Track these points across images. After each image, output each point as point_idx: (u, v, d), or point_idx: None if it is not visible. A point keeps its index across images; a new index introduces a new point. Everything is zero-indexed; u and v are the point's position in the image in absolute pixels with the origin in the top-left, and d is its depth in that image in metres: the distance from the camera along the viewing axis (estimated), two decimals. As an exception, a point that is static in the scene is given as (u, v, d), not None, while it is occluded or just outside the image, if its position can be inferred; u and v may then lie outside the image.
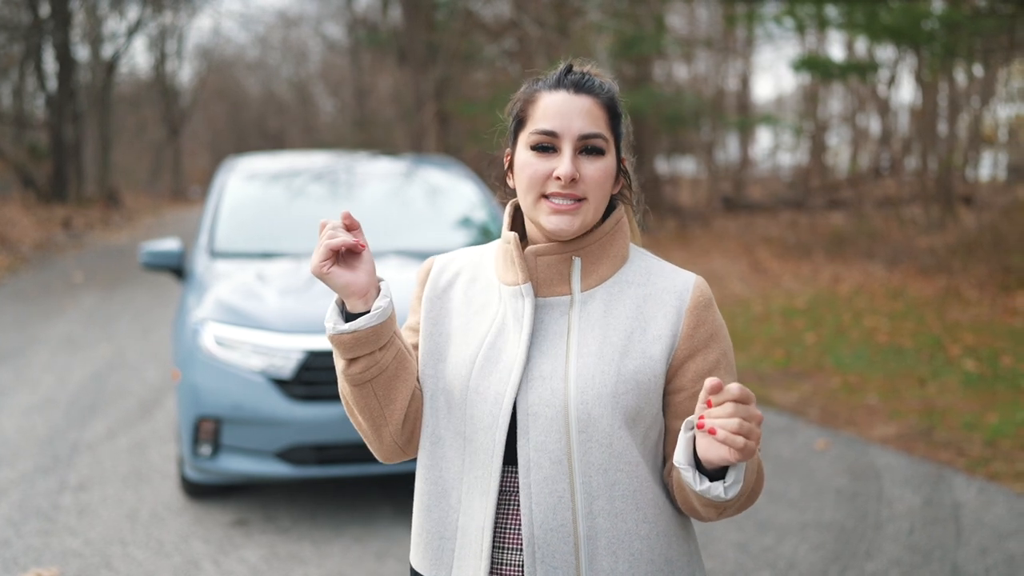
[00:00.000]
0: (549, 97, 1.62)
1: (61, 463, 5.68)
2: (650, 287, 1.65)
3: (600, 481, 1.58)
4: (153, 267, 5.75)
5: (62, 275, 14.96)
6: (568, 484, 1.57)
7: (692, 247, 16.98)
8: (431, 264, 1.80)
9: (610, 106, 1.63)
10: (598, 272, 1.65)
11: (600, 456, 1.57)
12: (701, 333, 1.62)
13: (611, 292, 1.64)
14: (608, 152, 1.62)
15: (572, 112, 1.59)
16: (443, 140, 20.50)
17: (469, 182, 6.74)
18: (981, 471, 5.35)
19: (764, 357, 8.40)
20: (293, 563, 4.30)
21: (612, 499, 1.58)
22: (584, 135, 1.59)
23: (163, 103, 44.21)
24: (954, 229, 14.98)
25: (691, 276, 1.66)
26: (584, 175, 1.59)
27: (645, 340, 1.61)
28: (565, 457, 1.57)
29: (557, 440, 1.57)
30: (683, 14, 25.12)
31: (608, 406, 1.57)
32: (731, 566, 4.25)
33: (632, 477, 1.59)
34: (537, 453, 1.58)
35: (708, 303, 1.64)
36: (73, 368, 8.19)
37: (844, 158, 29.10)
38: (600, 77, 1.67)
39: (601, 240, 1.65)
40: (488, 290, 1.71)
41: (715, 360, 1.63)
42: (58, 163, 27.81)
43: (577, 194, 1.59)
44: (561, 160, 1.59)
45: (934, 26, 13.01)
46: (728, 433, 1.38)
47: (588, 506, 1.58)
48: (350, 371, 1.62)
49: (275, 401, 4.51)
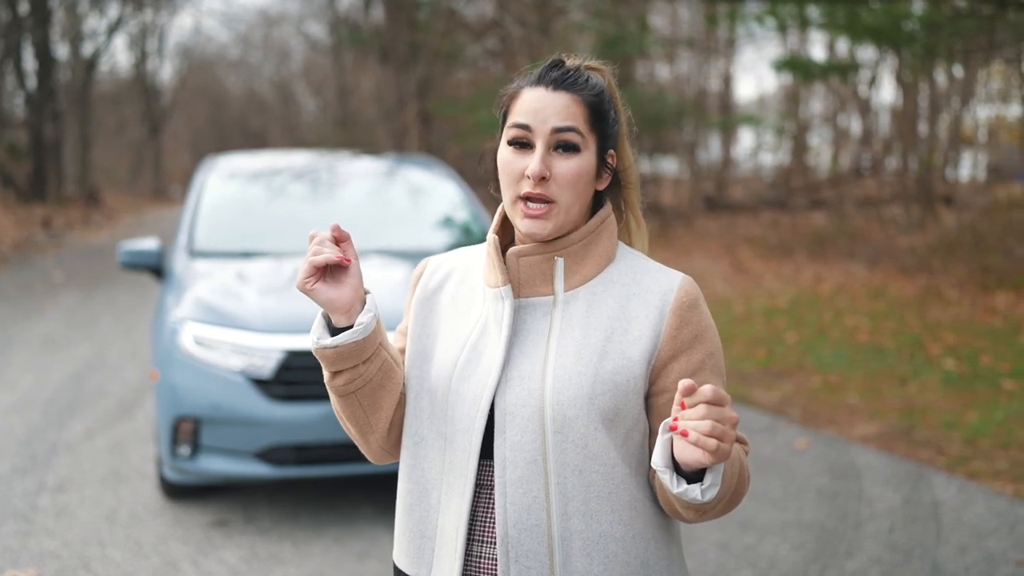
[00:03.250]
0: (529, 92, 1.61)
1: (39, 464, 5.64)
2: (634, 287, 1.63)
3: (575, 482, 1.57)
4: (132, 266, 5.70)
5: (42, 275, 14.86)
6: (543, 484, 1.57)
7: (674, 247, 17.02)
8: (424, 266, 1.81)
9: (592, 103, 1.61)
10: (582, 272, 1.64)
11: (575, 457, 1.56)
12: (685, 334, 1.60)
13: (594, 292, 1.63)
14: (585, 149, 1.60)
15: (547, 107, 1.58)
16: (425, 140, 20.48)
17: (451, 181, 6.73)
18: (961, 470, 5.38)
19: (745, 356, 8.41)
20: (273, 564, 4.28)
21: (587, 500, 1.57)
22: (557, 128, 1.57)
23: (143, 102, 44.02)
24: (934, 229, 15.06)
25: (678, 276, 1.64)
26: (555, 173, 1.58)
27: (626, 341, 1.59)
28: (540, 457, 1.56)
29: (533, 440, 1.57)
30: (665, 14, 25.19)
31: (584, 407, 1.56)
32: (712, 566, 4.25)
33: (608, 479, 1.58)
34: (513, 452, 1.57)
35: (693, 303, 1.61)
36: (52, 368, 8.13)
37: (825, 158, 29.21)
38: (595, 72, 1.66)
39: (585, 240, 1.64)
40: (474, 292, 1.71)
41: (699, 361, 1.60)
42: (38, 162, 27.64)
43: (547, 196, 1.58)
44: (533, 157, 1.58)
45: (914, 27, 13.07)
46: (700, 435, 1.37)
47: (563, 507, 1.57)
48: (334, 383, 1.65)
49: (255, 401, 4.48)
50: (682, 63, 27.12)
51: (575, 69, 1.62)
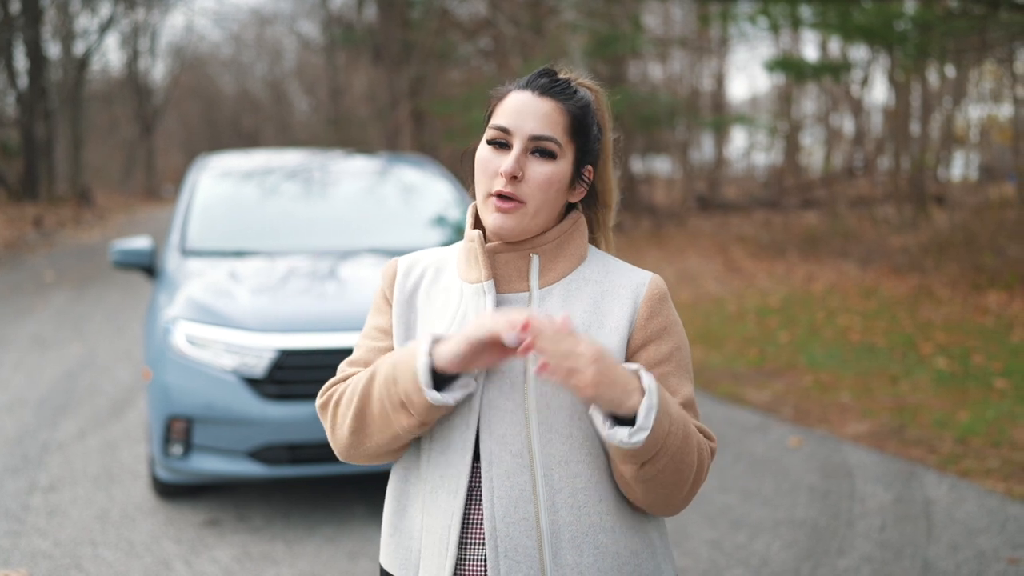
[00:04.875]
0: (515, 95, 1.65)
1: (31, 463, 5.63)
2: (607, 284, 1.68)
3: (562, 473, 1.58)
4: (124, 265, 5.69)
5: (33, 274, 14.82)
6: (530, 477, 1.58)
7: (667, 246, 17.03)
8: (395, 266, 1.80)
9: (575, 115, 1.64)
10: (556, 269, 1.68)
11: (561, 448, 1.59)
12: (654, 324, 1.65)
13: (569, 289, 1.67)
14: (561, 157, 1.63)
15: (529, 112, 1.62)
16: (418, 139, 20.48)
17: (443, 180, 6.72)
18: (952, 468, 5.39)
19: (738, 356, 8.43)
20: (265, 563, 4.27)
21: (575, 492, 1.59)
22: (535, 136, 1.61)
23: (136, 101, 43.90)
24: (926, 228, 15.09)
25: (648, 273, 1.70)
26: (528, 176, 1.61)
27: (602, 333, 1.63)
28: (526, 450, 1.58)
29: (518, 433, 1.58)
30: (658, 13, 25.18)
31: (567, 397, 1.59)
32: (704, 563, 4.26)
33: (594, 469, 1.60)
34: (499, 447, 1.59)
35: (663, 297, 1.67)
36: (44, 368, 8.11)
37: (818, 158, 29.27)
38: (583, 86, 1.69)
39: (559, 239, 1.68)
40: (449, 289, 1.72)
41: (667, 353, 1.65)
42: (29, 161, 27.56)
43: (517, 195, 1.61)
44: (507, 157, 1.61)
45: (907, 26, 13.11)
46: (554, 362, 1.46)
47: (551, 499, 1.58)
48: (414, 429, 1.62)
49: (247, 400, 4.48)
50: (675, 63, 27.15)
51: (565, 80, 1.66)
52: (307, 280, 5.27)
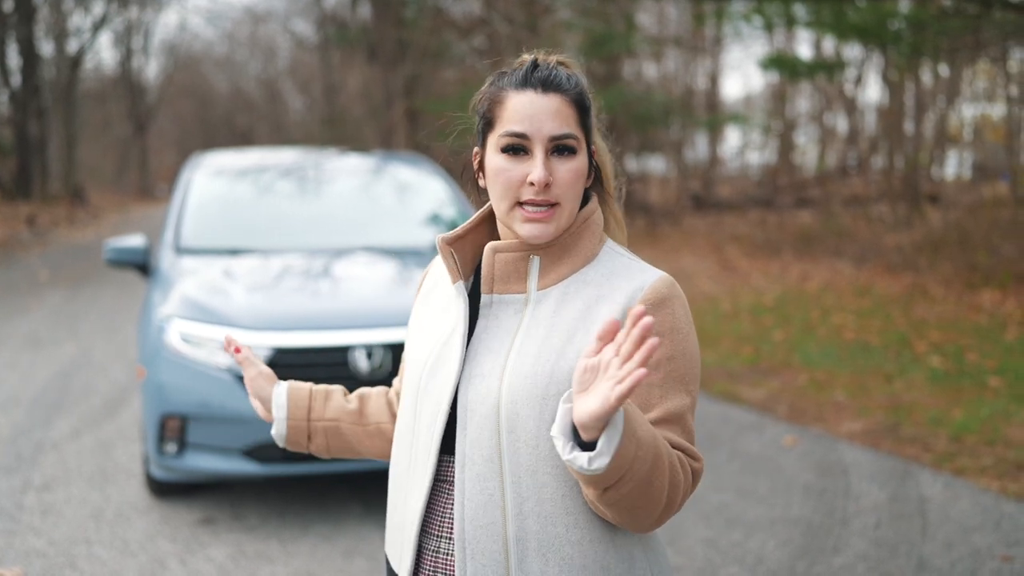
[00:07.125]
0: (517, 97, 1.58)
1: (25, 462, 5.61)
2: (606, 287, 1.59)
3: (529, 483, 1.53)
4: (118, 264, 5.67)
5: (27, 273, 14.78)
6: (499, 483, 1.54)
7: (661, 245, 17.04)
8: (426, 273, 1.85)
9: (579, 101, 1.59)
10: (557, 271, 1.62)
11: (528, 458, 1.53)
12: None
13: (566, 292, 1.61)
14: (580, 150, 1.58)
15: (541, 113, 1.56)
16: (412, 137, 20.46)
17: (438, 179, 6.72)
18: (947, 466, 5.40)
19: (733, 354, 8.43)
20: (260, 561, 4.27)
21: (541, 502, 1.53)
22: (555, 136, 1.56)
23: (129, 99, 43.84)
24: (920, 227, 15.12)
25: (653, 275, 1.59)
26: (557, 178, 1.56)
27: (586, 341, 1.55)
28: (496, 456, 1.55)
29: (489, 438, 1.55)
30: (652, 12, 25.21)
31: (536, 407, 1.52)
32: (699, 562, 4.26)
33: (561, 481, 1.53)
34: (472, 449, 1.56)
35: (663, 301, 1.55)
36: (38, 366, 8.10)
37: (812, 157, 29.32)
38: (568, 69, 1.63)
39: (564, 239, 1.62)
40: (448, 292, 1.72)
41: (655, 361, 1.51)
42: (23, 160, 27.51)
43: (551, 199, 1.56)
44: (534, 164, 1.55)
45: (901, 25, 13.13)
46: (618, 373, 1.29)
47: (518, 507, 1.54)
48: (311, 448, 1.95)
49: (242, 398, 4.47)
50: (669, 61, 27.16)
51: (556, 70, 1.60)
52: (301, 278, 5.26)
